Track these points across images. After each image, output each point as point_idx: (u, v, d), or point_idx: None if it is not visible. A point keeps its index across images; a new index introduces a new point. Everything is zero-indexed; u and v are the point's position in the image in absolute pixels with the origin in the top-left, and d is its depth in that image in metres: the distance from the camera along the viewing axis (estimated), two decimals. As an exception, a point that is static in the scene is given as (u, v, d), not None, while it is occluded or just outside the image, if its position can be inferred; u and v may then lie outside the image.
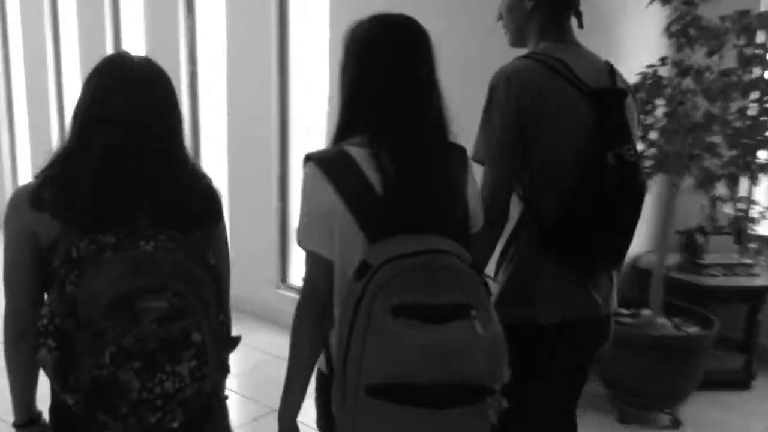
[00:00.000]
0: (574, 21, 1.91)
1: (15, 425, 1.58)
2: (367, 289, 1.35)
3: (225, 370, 1.52)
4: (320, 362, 1.59)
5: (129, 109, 1.46)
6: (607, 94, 1.84)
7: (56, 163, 1.47)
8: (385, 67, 1.50)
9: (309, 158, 1.51)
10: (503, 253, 1.92)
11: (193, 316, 1.38)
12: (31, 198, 1.44)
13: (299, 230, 1.53)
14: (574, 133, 1.80)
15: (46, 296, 1.44)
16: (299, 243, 1.53)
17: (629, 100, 1.90)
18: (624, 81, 1.95)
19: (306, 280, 1.55)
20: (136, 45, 4.75)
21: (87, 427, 1.39)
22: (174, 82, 1.56)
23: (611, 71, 1.91)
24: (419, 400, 1.34)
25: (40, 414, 1.57)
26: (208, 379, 1.42)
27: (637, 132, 2.03)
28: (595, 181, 1.79)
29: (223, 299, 1.53)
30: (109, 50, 4.44)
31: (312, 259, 1.52)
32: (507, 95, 1.77)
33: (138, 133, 1.46)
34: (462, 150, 1.61)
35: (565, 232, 1.82)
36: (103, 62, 1.52)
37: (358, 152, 1.48)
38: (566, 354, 1.93)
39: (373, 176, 1.46)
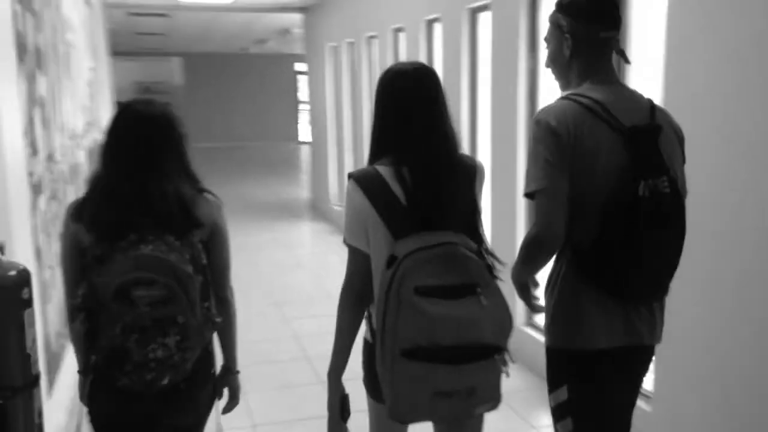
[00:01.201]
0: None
1: (79, 372, 2.21)
2: (395, 275, 1.82)
3: (208, 344, 2.12)
4: (365, 333, 2.12)
5: (137, 147, 2.07)
6: (639, 131, 1.98)
7: (90, 187, 2.11)
8: (398, 106, 2.03)
9: (350, 176, 2.03)
10: (549, 279, 2.15)
11: (178, 303, 1.92)
12: (73, 213, 2.09)
13: (345, 231, 2.04)
14: (608, 168, 1.96)
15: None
16: (345, 241, 2.05)
17: (669, 134, 2.05)
18: (665, 117, 2.10)
19: (347, 272, 2.06)
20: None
21: (108, 379, 1.99)
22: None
23: (652, 108, 2.07)
24: (440, 358, 1.82)
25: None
26: (190, 351, 1.98)
27: (680, 158, 2.12)
28: (627, 212, 1.92)
29: (208, 291, 2.09)
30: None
31: (353, 253, 2.04)
32: (551, 134, 1.97)
33: (143, 165, 2.07)
34: (471, 160, 2.13)
35: (599, 262, 1.99)
36: (118, 110, 2.16)
37: (385, 170, 1.99)
38: (622, 378, 2.12)
39: (396, 188, 1.96)
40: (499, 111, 4.47)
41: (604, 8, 2.06)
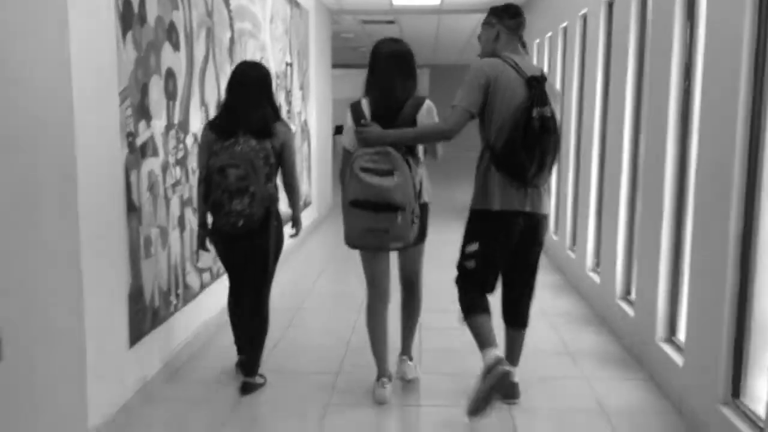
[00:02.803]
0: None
1: (199, 225, 3.70)
2: (353, 160, 3.26)
3: (270, 204, 3.43)
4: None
5: (237, 87, 3.52)
6: (534, 78, 3.24)
7: (219, 109, 3.86)
8: (375, 65, 3.45)
9: (350, 105, 3.45)
10: (477, 170, 3.39)
11: (251, 180, 3.29)
12: (207, 124, 3.60)
13: (344, 136, 3.46)
14: (515, 99, 3.23)
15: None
16: (342, 143, 3.47)
17: (551, 87, 3.36)
18: (549, 80, 3.36)
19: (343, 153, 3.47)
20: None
21: (214, 224, 3.45)
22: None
23: (541, 70, 3.40)
24: (368, 207, 3.19)
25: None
26: (256, 207, 3.32)
27: (557, 102, 3.39)
28: (526, 125, 3.18)
29: (271, 178, 3.46)
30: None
31: (343, 149, 3.44)
32: (478, 71, 3.27)
33: (244, 98, 3.49)
34: (419, 99, 3.44)
35: (506, 156, 3.24)
36: (235, 67, 3.65)
37: (364, 101, 3.44)
38: (507, 231, 3.35)
39: (368, 109, 3.41)
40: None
41: (514, 10, 3.45)
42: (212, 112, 4.59)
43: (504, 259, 3.39)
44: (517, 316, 3.54)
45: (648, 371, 3.96)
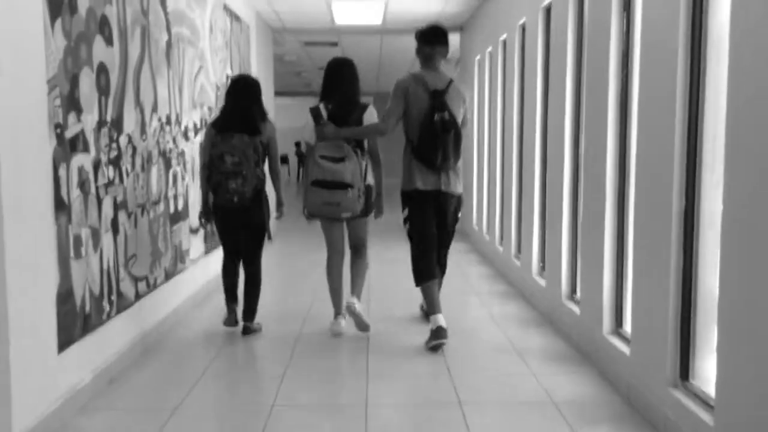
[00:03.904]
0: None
1: (202, 203, 4.60)
2: (313, 150, 4.39)
3: (258, 185, 4.39)
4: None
5: (234, 93, 4.53)
6: (436, 91, 4.35)
7: (220, 109, 4.64)
8: (329, 75, 4.56)
9: (310, 108, 4.45)
10: (403, 159, 4.49)
11: (243, 165, 4.29)
12: (210, 122, 4.58)
13: (304, 132, 4.50)
14: (423, 107, 4.33)
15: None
16: (305, 139, 4.52)
17: (453, 95, 4.41)
18: (457, 88, 4.46)
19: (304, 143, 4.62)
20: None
21: (215, 200, 4.42)
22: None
23: (449, 82, 4.43)
24: (325, 186, 4.28)
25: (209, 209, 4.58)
26: (248, 186, 4.30)
27: (461, 109, 4.46)
28: (430, 126, 4.29)
29: (259, 164, 4.40)
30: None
31: (304, 143, 4.55)
32: (398, 87, 4.42)
33: (237, 100, 4.49)
34: (364, 105, 4.51)
35: (420, 149, 4.37)
36: (234, 77, 4.79)
37: (321, 105, 4.44)
38: (429, 205, 4.44)
39: (325, 112, 4.40)
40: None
41: (430, 36, 4.49)
42: (148, 114, 4.46)
43: (433, 218, 4.45)
44: (439, 265, 4.64)
45: (596, 365, 3.94)
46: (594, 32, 4.15)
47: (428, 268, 4.35)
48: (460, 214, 4.62)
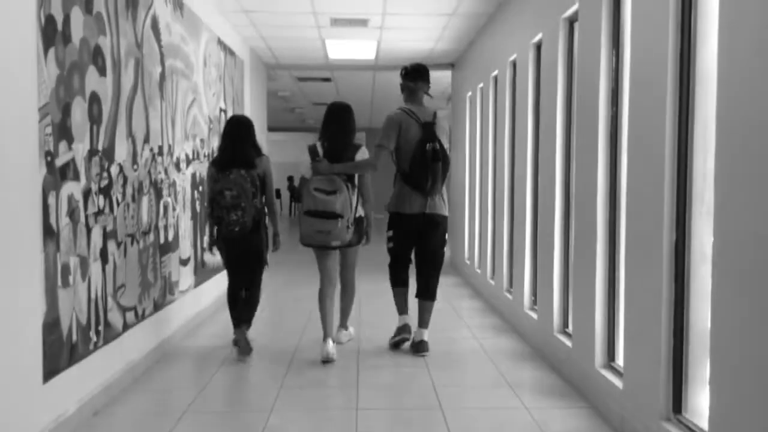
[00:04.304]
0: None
1: (209, 235, 4.93)
2: (308, 183, 4.68)
3: (257, 215, 4.72)
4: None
5: (230, 133, 4.88)
6: (426, 123, 4.86)
7: (218, 149, 4.98)
8: (328, 117, 4.98)
9: (308, 146, 4.80)
10: (394, 185, 5.06)
11: (242, 198, 4.60)
12: (211, 161, 4.88)
13: (301, 167, 5.02)
14: (414, 139, 4.82)
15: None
16: (302, 173, 4.96)
17: (439, 126, 4.92)
18: (441, 121, 4.96)
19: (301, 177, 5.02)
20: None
21: (219, 233, 4.74)
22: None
23: (434, 115, 4.93)
24: (317, 216, 4.60)
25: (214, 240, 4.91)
26: (247, 217, 4.61)
27: (446, 138, 4.99)
28: (422, 156, 4.79)
29: (257, 196, 4.70)
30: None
31: (301, 177, 4.96)
32: (390, 121, 4.90)
33: (233, 139, 4.83)
34: (357, 145, 4.91)
35: (412, 176, 4.85)
36: (229, 117, 5.12)
37: (318, 143, 4.83)
38: (412, 230, 4.97)
39: (321, 150, 4.78)
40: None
41: (413, 73, 5.03)
42: (140, 144, 4.46)
43: (412, 243, 5.06)
44: (426, 292, 5.08)
45: (588, 399, 3.90)
46: (584, 68, 4.20)
47: (400, 278, 5.17)
48: (447, 236, 5.17)
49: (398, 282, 5.15)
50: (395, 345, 5.07)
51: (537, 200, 5.45)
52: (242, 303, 4.90)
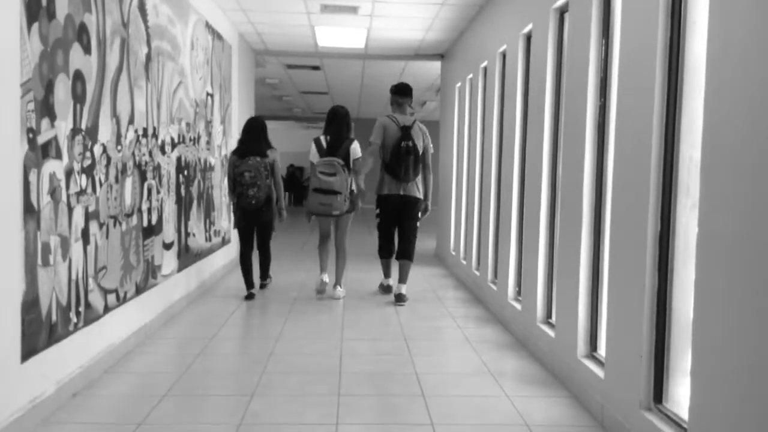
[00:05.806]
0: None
1: (233, 207, 6.66)
2: (314, 167, 6.42)
3: (269, 192, 6.44)
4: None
5: (249, 130, 6.60)
6: (405, 126, 6.59)
7: (238, 141, 6.71)
8: (330, 117, 6.67)
9: (314, 139, 6.66)
10: (380, 173, 6.78)
11: (258, 178, 6.28)
12: (233, 152, 6.57)
13: (310, 155, 6.65)
14: (394, 138, 6.56)
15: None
16: (310, 159, 6.65)
17: (416, 130, 6.64)
18: (419, 125, 6.70)
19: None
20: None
21: (238, 203, 6.40)
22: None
23: (414, 121, 6.68)
24: (321, 191, 6.34)
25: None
26: (262, 193, 6.32)
27: (421, 140, 6.63)
28: (398, 151, 6.53)
29: (269, 177, 6.43)
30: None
31: (310, 163, 6.58)
32: (378, 124, 6.66)
33: (249, 136, 6.55)
34: (351, 138, 6.60)
35: (390, 166, 6.60)
36: (249, 119, 6.81)
37: (323, 137, 6.59)
38: (393, 208, 6.70)
39: (324, 143, 6.53)
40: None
41: (401, 90, 6.81)
42: (124, 126, 4.41)
43: (394, 219, 6.67)
44: (404, 253, 6.61)
45: (570, 388, 3.91)
46: (573, 59, 4.19)
47: (387, 249, 6.83)
48: (420, 214, 6.70)
49: (385, 252, 6.87)
50: (381, 290, 6.99)
51: (523, 191, 5.45)
52: (260, 260, 6.81)
